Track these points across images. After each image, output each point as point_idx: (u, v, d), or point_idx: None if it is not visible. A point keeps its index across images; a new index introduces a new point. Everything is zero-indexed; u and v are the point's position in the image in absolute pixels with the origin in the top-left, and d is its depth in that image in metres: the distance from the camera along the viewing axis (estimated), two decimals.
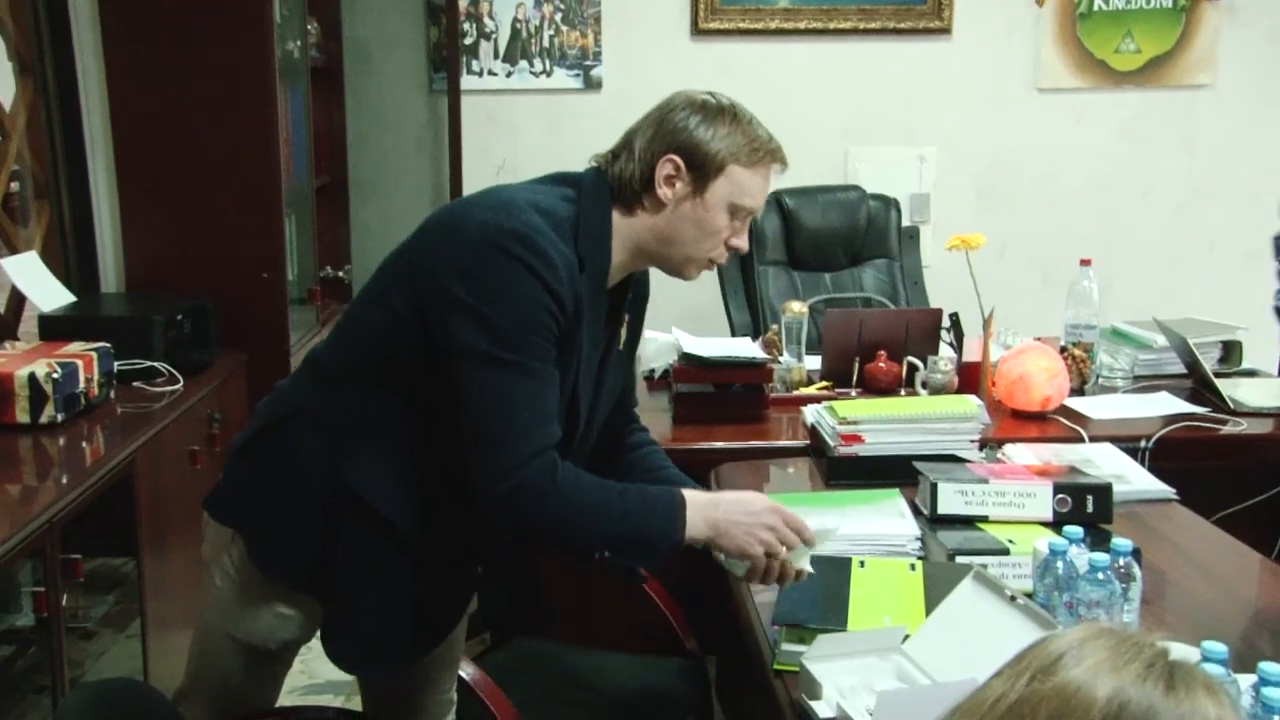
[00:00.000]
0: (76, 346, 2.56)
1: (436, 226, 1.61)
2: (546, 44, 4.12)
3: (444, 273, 1.54)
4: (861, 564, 1.83)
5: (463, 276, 1.53)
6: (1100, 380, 2.93)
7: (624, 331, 1.79)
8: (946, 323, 2.90)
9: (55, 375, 2.38)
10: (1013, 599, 1.45)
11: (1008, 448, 2.36)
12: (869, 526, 1.95)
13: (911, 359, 2.80)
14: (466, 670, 1.91)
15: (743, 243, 1.70)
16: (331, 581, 1.66)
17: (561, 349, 1.58)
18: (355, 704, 2.69)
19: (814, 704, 1.42)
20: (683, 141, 1.62)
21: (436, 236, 1.60)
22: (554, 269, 1.53)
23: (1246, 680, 1.22)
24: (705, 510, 1.61)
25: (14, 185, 3.04)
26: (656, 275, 1.83)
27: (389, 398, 1.62)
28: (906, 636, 1.53)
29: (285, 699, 2.55)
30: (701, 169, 1.63)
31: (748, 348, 2.78)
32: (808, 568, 1.65)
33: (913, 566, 1.82)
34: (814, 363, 2.89)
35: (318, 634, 1.77)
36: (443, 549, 1.67)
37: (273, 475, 1.68)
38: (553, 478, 1.54)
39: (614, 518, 1.58)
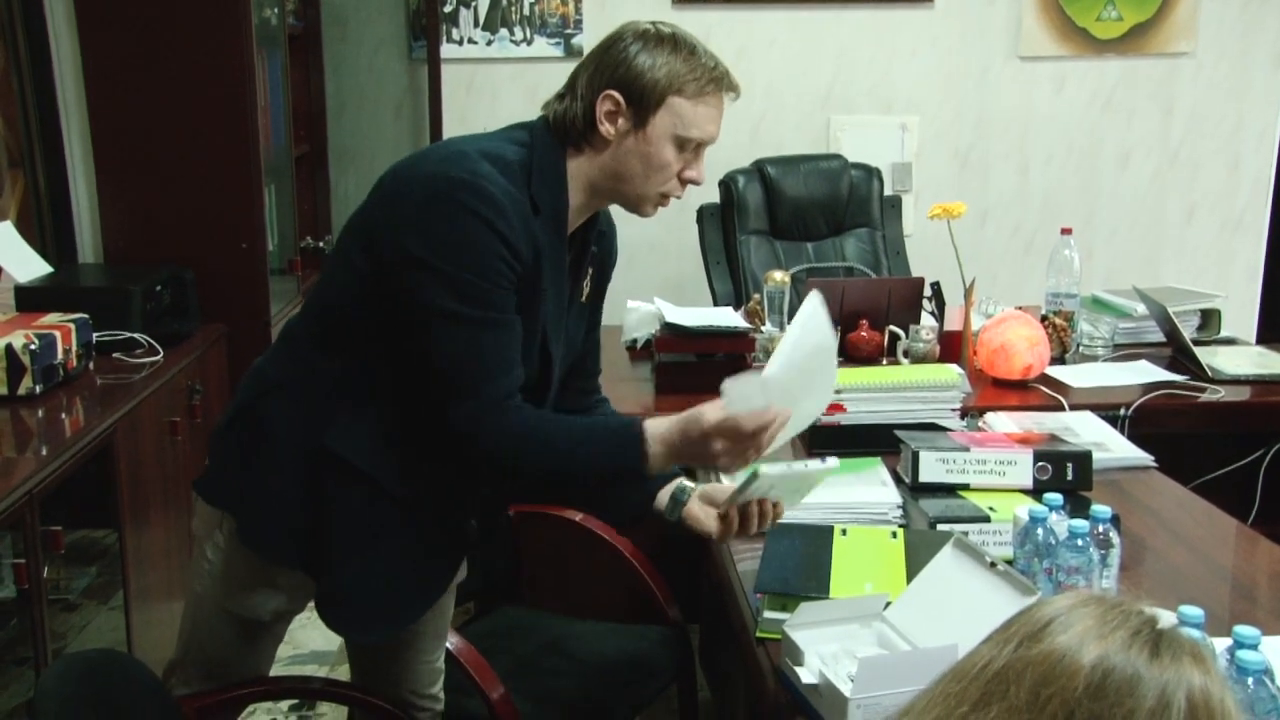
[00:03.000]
0: (54, 317, 2.54)
1: (389, 183, 1.61)
2: (527, 12, 4.08)
3: (397, 229, 1.54)
4: (843, 532, 1.84)
5: (415, 231, 1.53)
6: (1081, 349, 2.95)
7: (586, 285, 1.76)
8: (928, 292, 2.91)
9: (33, 346, 2.36)
10: (993, 565, 1.46)
11: (989, 416, 2.37)
12: (851, 495, 1.96)
13: (893, 328, 2.81)
14: (450, 640, 1.92)
15: (696, 174, 1.65)
16: (321, 555, 1.66)
17: (524, 295, 1.58)
18: (340, 674, 2.70)
19: (797, 669, 1.43)
20: (621, 76, 1.59)
21: (389, 193, 1.59)
22: (504, 214, 1.52)
23: (1222, 644, 1.23)
24: (664, 438, 1.58)
25: None
26: (638, 244, 1.83)
27: (361, 362, 1.62)
28: (888, 604, 1.54)
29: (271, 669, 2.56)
30: (641, 103, 1.59)
31: (730, 317, 2.78)
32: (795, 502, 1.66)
33: (894, 534, 1.83)
34: None
35: (309, 604, 1.78)
36: (432, 505, 1.68)
37: (254, 454, 1.68)
38: (520, 418, 1.56)
39: (580, 451, 1.59)
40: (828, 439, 2.27)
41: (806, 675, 1.41)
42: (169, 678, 1.80)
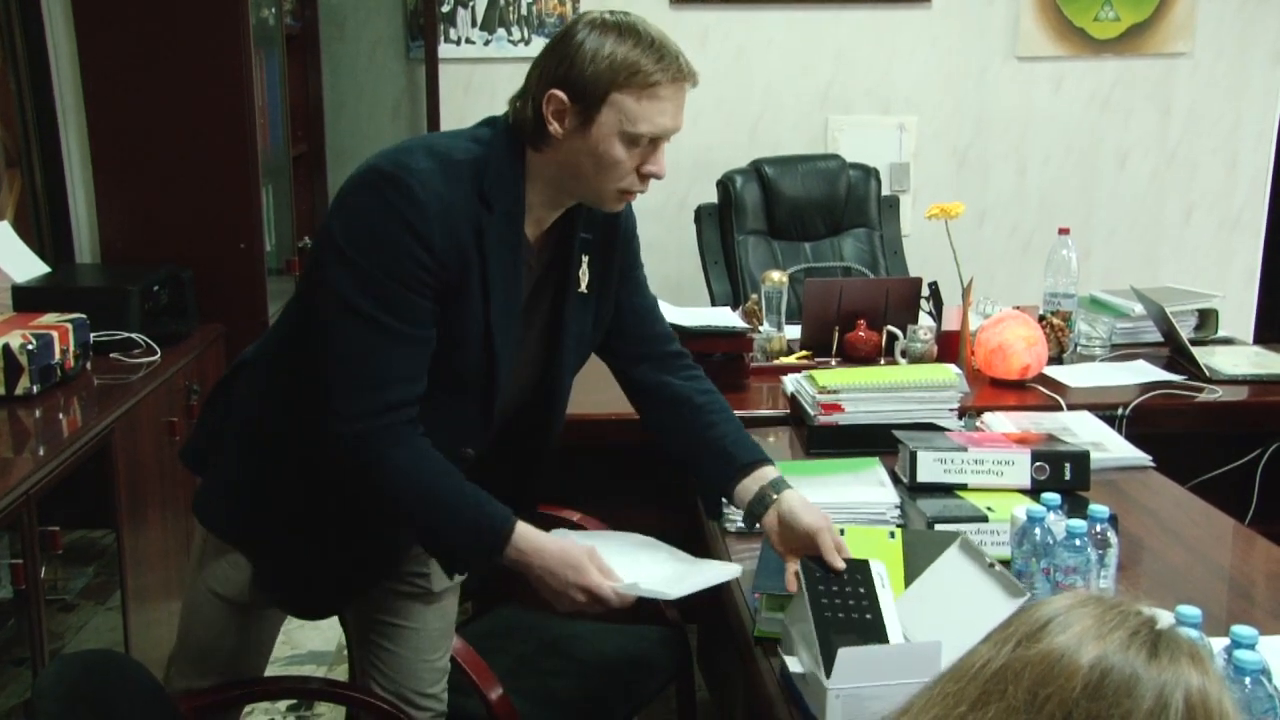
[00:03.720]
0: (51, 318, 2.54)
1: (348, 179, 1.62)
2: (524, 11, 4.08)
3: (329, 214, 1.57)
4: (841, 532, 1.84)
5: (339, 219, 1.54)
6: (1078, 348, 2.95)
7: (583, 275, 1.73)
8: (926, 292, 2.90)
9: (30, 346, 2.36)
10: (991, 566, 1.46)
11: (986, 416, 2.37)
12: (849, 495, 1.96)
13: (891, 328, 2.81)
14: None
15: (656, 168, 1.59)
16: (257, 535, 1.69)
17: (451, 300, 1.55)
18: (339, 674, 2.70)
19: (786, 659, 1.44)
20: (564, 73, 1.56)
21: (343, 187, 1.61)
22: (425, 215, 1.50)
23: (1219, 643, 1.24)
24: (524, 556, 1.57)
25: None
26: (646, 247, 1.82)
27: (308, 351, 1.62)
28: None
29: (267, 668, 2.56)
30: (584, 100, 1.54)
31: (728, 317, 2.78)
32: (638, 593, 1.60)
33: (892, 534, 1.83)
34: (794, 332, 2.89)
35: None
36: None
37: (219, 427, 1.73)
38: (393, 443, 1.53)
39: (435, 514, 1.56)
40: (826, 439, 2.28)
41: (794, 665, 1.42)
42: (168, 670, 1.82)
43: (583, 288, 1.74)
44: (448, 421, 1.62)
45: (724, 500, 1.81)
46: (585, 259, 1.74)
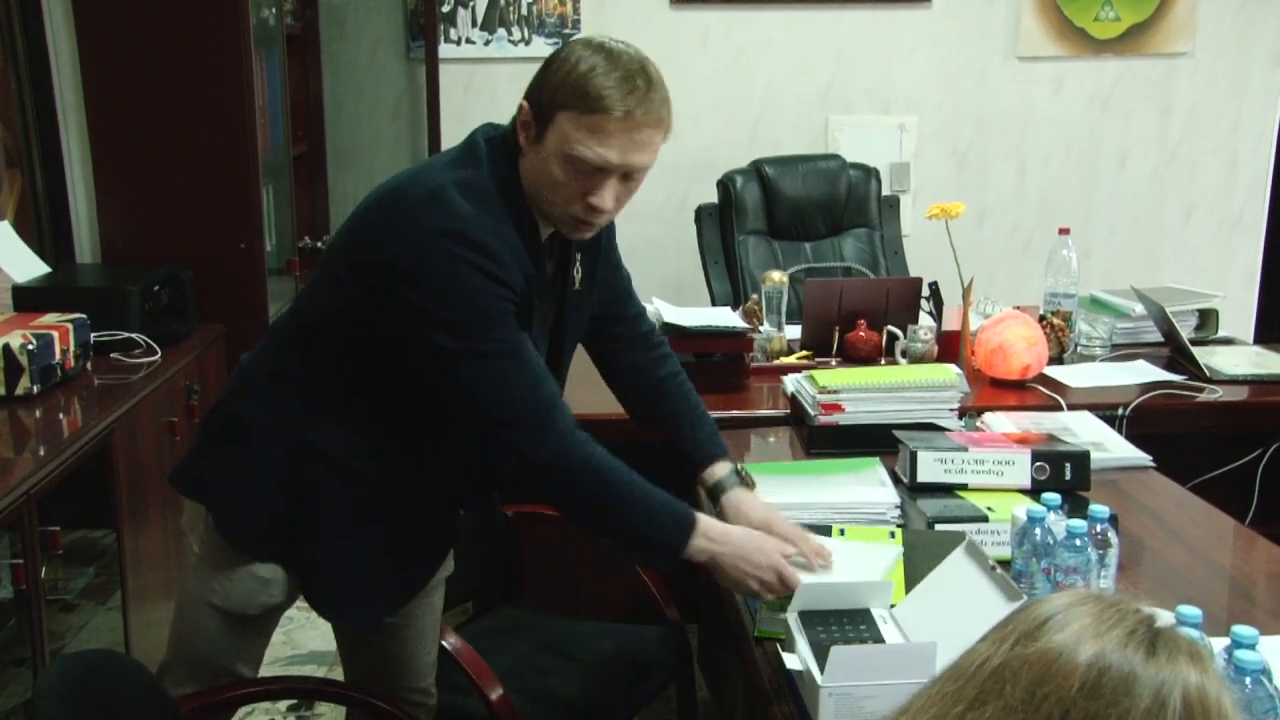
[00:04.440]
0: (52, 318, 2.54)
1: (378, 221, 1.60)
2: (525, 12, 4.08)
3: (393, 276, 1.54)
4: (841, 531, 1.84)
5: (411, 282, 1.53)
6: (1079, 349, 2.95)
7: (577, 272, 1.75)
8: (926, 292, 2.91)
9: (30, 346, 2.36)
10: (993, 569, 1.46)
11: (987, 416, 2.37)
12: (849, 494, 1.96)
13: (891, 328, 2.81)
14: (449, 639, 1.92)
15: (598, 200, 1.55)
16: (301, 547, 1.68)
17: (522, 313, 1.60)
18: (339, 674, 2.69)
19: (785, 656, 1.44)
20: (534, 84, 1.58)
21: (380, 233, 1.58)
22: (496, 258, 1.53)
23: (1220, 643, 1.24)
24: (711, 544, 1.62)
25: None
26: (636, 243, 1.83)
27: (345, 369, 1.65)
28: (893, 604, 1.55)
29: (268, 669, 2.56)
30: (539, 114, 1.55)
31: (728, 317, 2.78)
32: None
33: (892, 534, 1.83)
34: (794, 332, 2.89)
35: (298, 601, 1.78)
36: (414, 497, 1.71)
37: (233, 448, 1.70)
38: (587, 446, 1.58)
39: (635, 507, 1.61)
40: (827, 439, 2.28)
41: (792, 662, 1.42)
42: (160, 679, 1.80)
43: (577, 285, 1.76)
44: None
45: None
46: (579, 256, 1.75)
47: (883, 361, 2.77)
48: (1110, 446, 2.26)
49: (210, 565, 1.73)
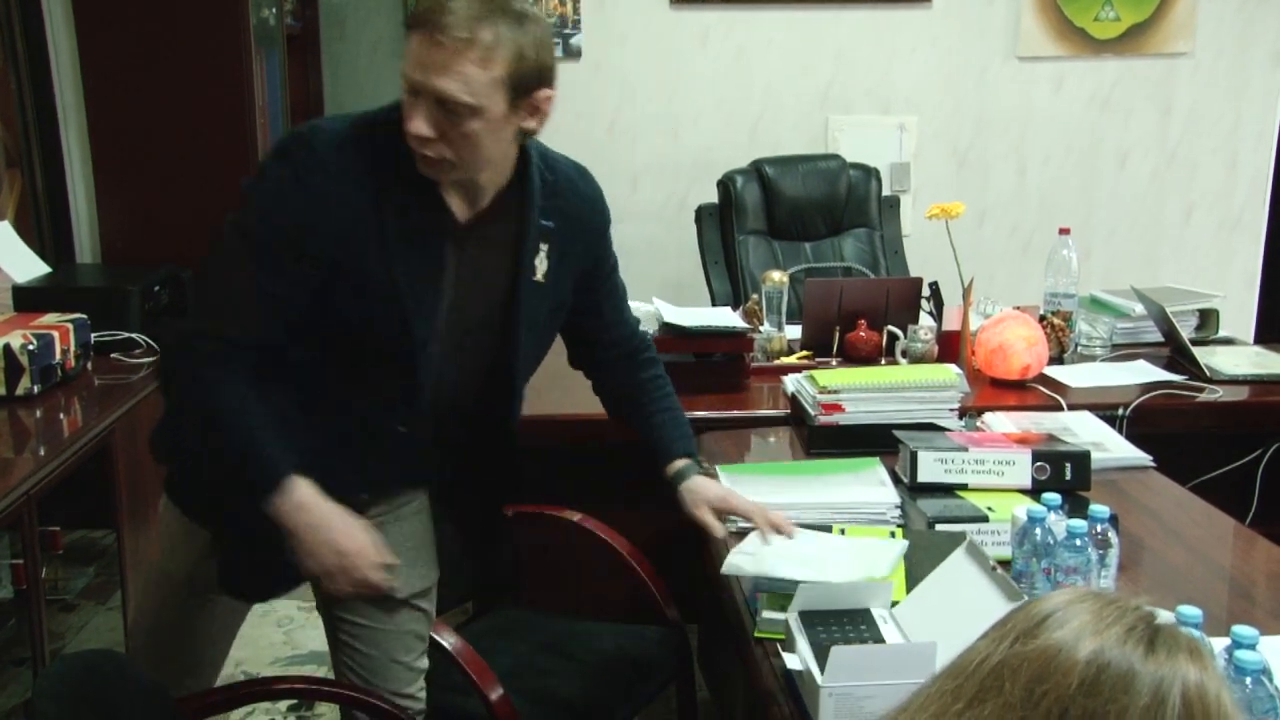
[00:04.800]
0: (52, 318, 2.54)
1: None
2: None
3: None
4: (842, 531, 1.84)
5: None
6: (1079, 349, 2.95)
7: (540, 263, 1.71)
8: (926, 292, 2.90)
9: (31, 347, 2.36)
10: (993, 569, 1.46)
11: (987, 416, 2.37)
12: (849, 495, 1.96)
13: (891, 328, 2.81)
14: (449, 639, 1.92)
15: (410, 124, 1.56)
16: (222, 516, 1.70)
17: (352, 267, 1.57)
18: None
19: (785, 655, 1.44)
20: None
21: None
22: (318, 167, 1.55)
23: (1220, 643, 1.24)
24: (297, 512, 1.59)
25: None
26: (636, 243, 1.83)
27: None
28: (895, 603, 1.55)
29: (267, 669, 2.57)
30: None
31: (728, 317, 2.78)
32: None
33: (892, 534, 1.83)
34: (794, 332, 2.89)
35: (299, 602, 1.78)
36: (319, 471, 1.66)
37: (177, 412, 1.75)
38: (225, 368, 1.57)
39: (228, 446, 1.59)
40: (827, 439, 2.28)
41: (792, 662, 1.42)
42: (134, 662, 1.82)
43: (539, 276, 1.72)
44: (373, 393, 1.65)
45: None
46: (544, 248, 1.72)
47: (883, 361, 2.77)
48: (1110, 446, 2.26)
49: (167, 529, 1.77)
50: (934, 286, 2.93)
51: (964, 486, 1.97)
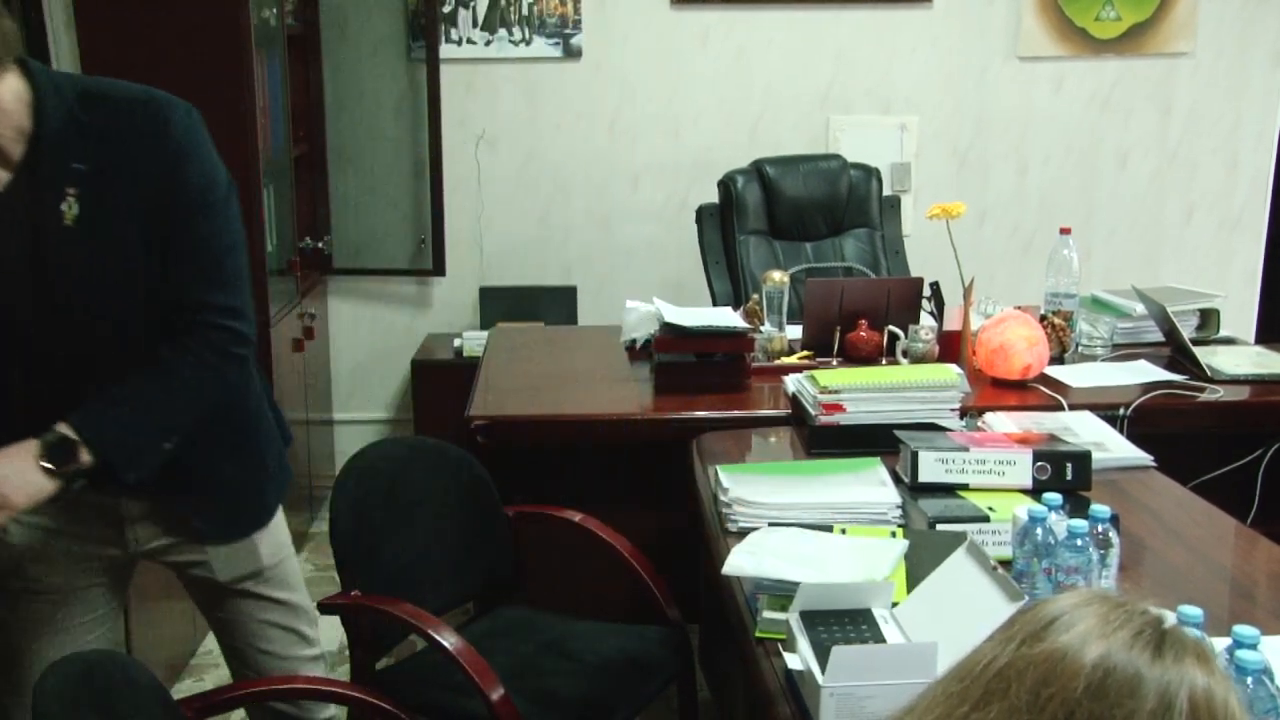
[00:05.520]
0: None
1: None
2: (525, 12, 4.08)
3: None
4: (843, 531, 1.84)
5: None
6: (1080, 348, 2.95)
7: (69, 206, 1.65)
8: (927, 291, 2.91)
9: None
10: (994, 569, 1.46)
11: (988, 416, 2.37)
12: (850, 495, 1.96)
13: (892, 328, 2.81)
14: (450, 639, 1.92)
15: None
16: None
17: None
18: (339, 674, 2.69)
19: (786, 656, 1.44)
20: None
21: None
22: None
23: (1221, 643, 1.23)
24: None
25: None
26: (637, 243, 1.82)
27: None
28: (895, 603, 1.55)
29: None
30: None
31: (729, 317, 2.78)
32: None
33: (893, 534, 1.83)
34: (795, 332, 2.89)
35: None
36: None
37: None
38: None
39: None
40: (828, 439, 2.28)
41: (793, 662, 1.42)
42: None
43: (68, 221, 1.65)
44: None
45: None
46: (74, 191, 1.66)
47: (884, 361, 2.77)
48: (1111, 446, 2.26)
49: None
50: (935, 286, 2.93)
51: (965, 486, 1.97)
